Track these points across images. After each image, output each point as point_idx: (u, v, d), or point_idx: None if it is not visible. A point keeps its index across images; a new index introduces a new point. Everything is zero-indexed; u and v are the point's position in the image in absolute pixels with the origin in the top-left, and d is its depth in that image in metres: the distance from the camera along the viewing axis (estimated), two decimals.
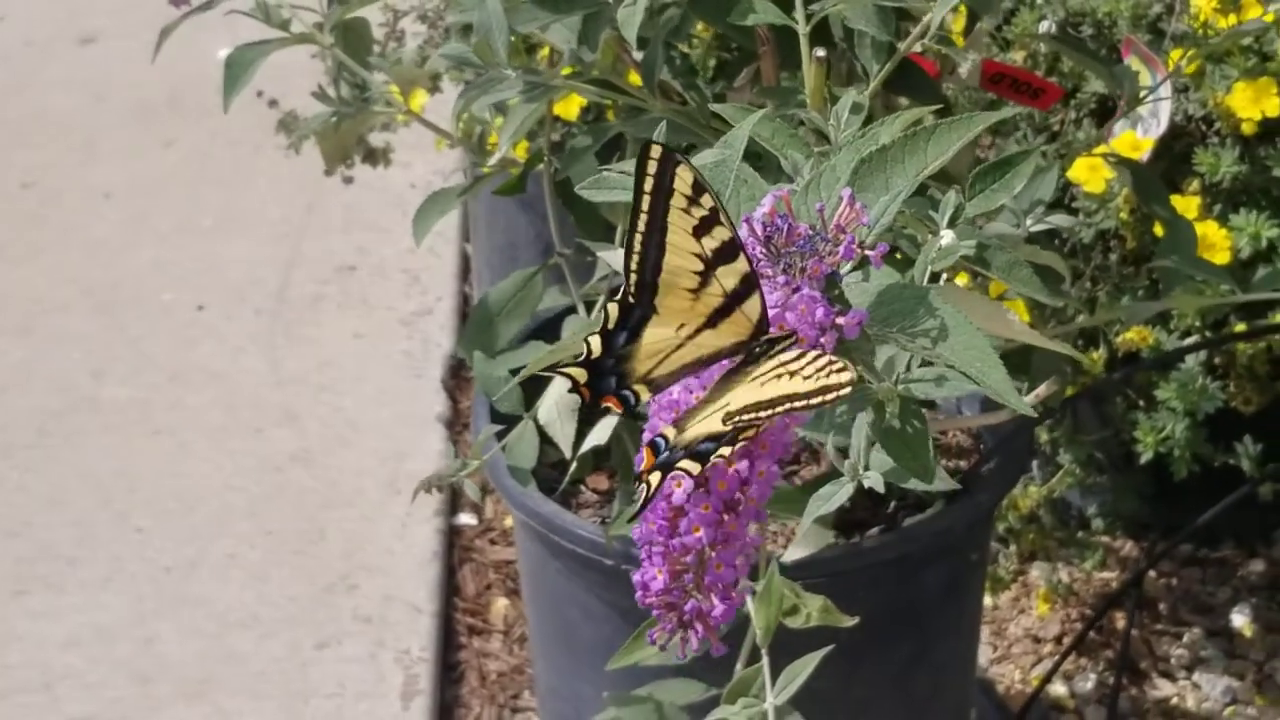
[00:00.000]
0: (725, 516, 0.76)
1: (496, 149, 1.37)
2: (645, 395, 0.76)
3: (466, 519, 1.96)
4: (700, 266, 0.75)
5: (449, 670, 1.79)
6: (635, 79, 1.26)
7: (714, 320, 0.76)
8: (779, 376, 0.74)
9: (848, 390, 0.72)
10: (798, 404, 0.72)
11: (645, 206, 0.73)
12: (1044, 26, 1.62)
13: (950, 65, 1.26)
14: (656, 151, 0.72)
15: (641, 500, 0.74)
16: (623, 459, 1.36)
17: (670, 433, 0.75)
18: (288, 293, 2.29)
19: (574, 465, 1.38)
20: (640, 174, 0.72)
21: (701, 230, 0.74)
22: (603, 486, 1.47)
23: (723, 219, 0.74)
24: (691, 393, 0.77)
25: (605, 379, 0.76)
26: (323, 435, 2.06)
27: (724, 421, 0.73)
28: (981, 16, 1.25)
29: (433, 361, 2.17)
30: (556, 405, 1.32)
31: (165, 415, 2.09)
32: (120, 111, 2.71)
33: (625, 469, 1.37)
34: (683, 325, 0.76)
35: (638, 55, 1.22)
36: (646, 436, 0.76)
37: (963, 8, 1.28)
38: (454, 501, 1.97)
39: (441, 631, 1.81)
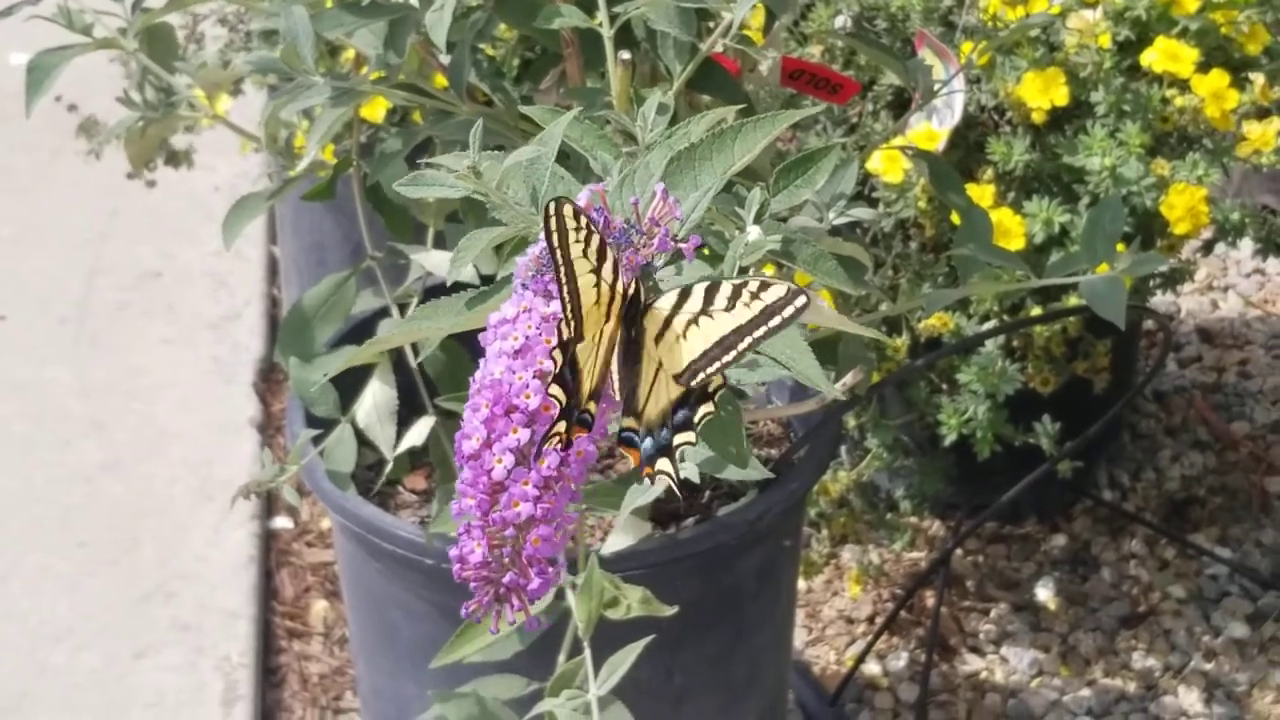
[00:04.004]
0: (543, 493, 0.78)
1: (304, 153, 1.37)
2: (593, 408, 0.81)
3: (283, 522, 1.95)
4: (595, 278, 0.80)
5: (270, 674, 1.79)
6: (441, 81, 1.26)
7: (606, 314, 0.81)
8: (694, 323, 0.80)
9: (805, 304, 0.78)
10: (756, 334, 0.79)
11: (560, 259, 0.79)
12: (839, 22, 1.64)
13: (751, 63, 1.27)
14: (553, 207, 0.79)
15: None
16: (441, 458, 1.37)
17: (630, 422, 0.81)
18: (92, 300, 2.26)
19: (390, 466, 1.38)
20: (548, 230, 0.79)
21: (585, 245, 0.80)
22: (420, 486, 1.48)
23: (595, 229, 0.80)
24: (607, 381, 0.82)
25: (571, 413, 0.81)
26: (133, 444, 2.03)
27: (680, 381, 0.79)
28: (779, 15, 1.26)
29: (242, 365, 2.16)
30: (375, 408, 1.32)
31: None
32: None
33: (444, 468, 1.37)
34: (595, 333, 0.81)
35: (444, 59, 1.22)
36: (601, 432, 0.81)
37: (761, 6, 1.30)
38: (269, 505, 1.96)
39: (261, 636, 1.80)
